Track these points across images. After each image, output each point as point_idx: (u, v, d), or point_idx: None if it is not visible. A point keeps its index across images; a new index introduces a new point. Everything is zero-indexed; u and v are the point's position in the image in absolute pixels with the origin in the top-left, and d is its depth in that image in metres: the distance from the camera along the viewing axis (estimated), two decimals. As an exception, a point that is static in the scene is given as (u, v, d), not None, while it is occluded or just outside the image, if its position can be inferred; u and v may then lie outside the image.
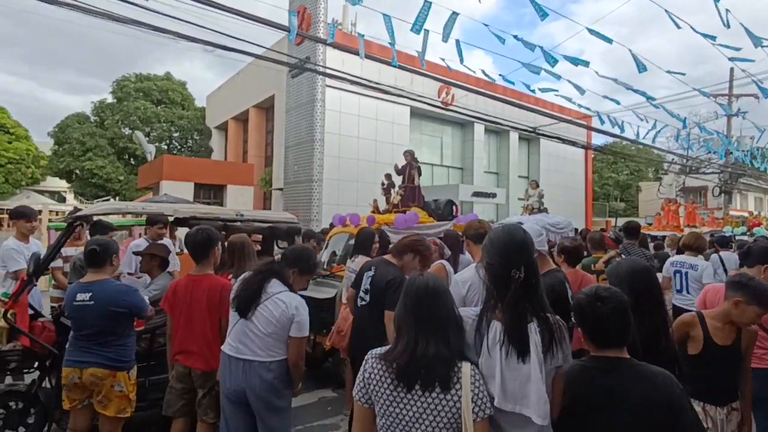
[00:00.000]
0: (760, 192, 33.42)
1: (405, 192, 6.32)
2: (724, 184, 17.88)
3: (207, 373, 2.71)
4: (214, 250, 2.85)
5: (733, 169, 17.76)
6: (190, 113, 29.34)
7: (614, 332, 1.63)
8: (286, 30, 7.01)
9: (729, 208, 18.74)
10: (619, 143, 24.38)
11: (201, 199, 15.90)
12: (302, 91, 16.34)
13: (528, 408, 1.53)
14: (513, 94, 17.51)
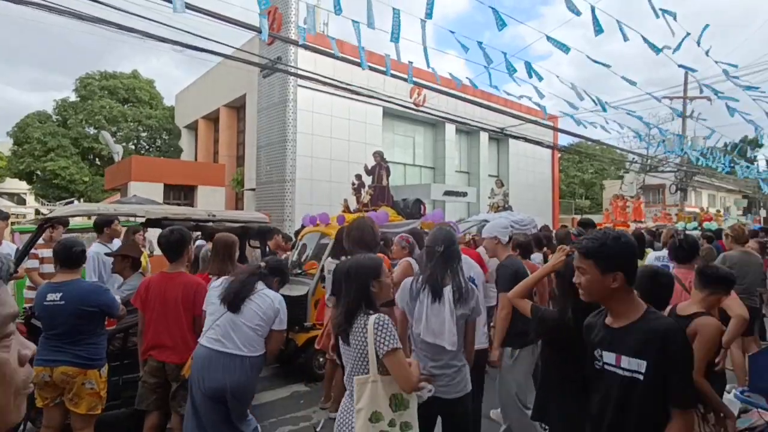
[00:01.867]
0: (712, 189, 35.21)
1: (374, 192, 6.51)
2: (680, 182, 18.85)
3: (181, 367, 2.82)
4: (187, 250, 2.96)
5: (688, 168, 18.76)
6: (158, 112, 28.67)
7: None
8: (256, 30, 7.10)
9: (684, 204, 19.76)
10: (583, 143, 25.27)
11: (171, 200, 15.66)
12: (274, 91, 16.31)
13: (443, 340, 2.32)
14: (482, 95, 17.94)
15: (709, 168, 16.21)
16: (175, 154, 27.14)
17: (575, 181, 37.03)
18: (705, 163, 15.14)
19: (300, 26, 14.55)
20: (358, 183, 7.11)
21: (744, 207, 35.99)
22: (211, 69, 21.99)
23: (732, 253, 4.94)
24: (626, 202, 14.87)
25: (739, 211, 34.53)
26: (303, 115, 16.07)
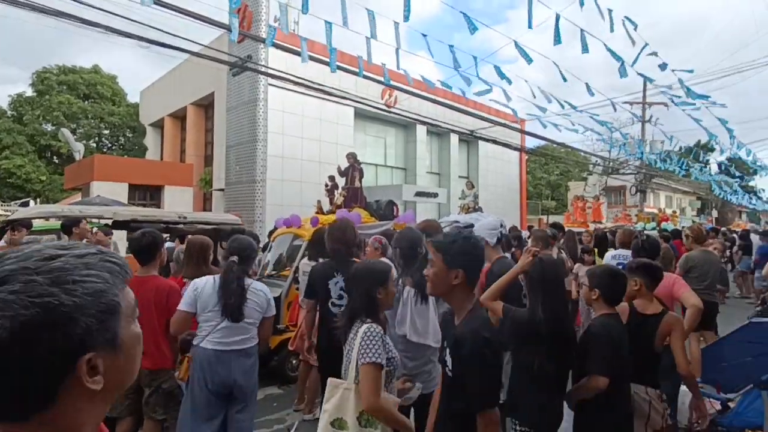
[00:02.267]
0: (669, 191, 36.93)
1: (348, 193, 6.54)
2: (640, 184, 19.72)
3: (154, 372, 2.78)
4: (159, 253, 2.92)
5: (647, 171, 19.64)
6: (121, 109, 27.72)
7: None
8: (226, 28, 7.00)
9: (644, 205, 20.68)
10: (549, 146, 26.02)
11: (137, 200, 15.19)
12: (244, 90, 16.06)
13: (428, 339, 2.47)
14: (453, 97, 18.22)
15: (667, 171, 17.05)
16: (140, 152, 26.31)
17: (542, 182, 38.09)
18: (662, 166, 15.90)
19: (271, 25, 14.43)
20: (332, 184, 7.13)
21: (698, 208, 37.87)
22: (178, 66, 21.45)
23: (694, 253, 5.23)
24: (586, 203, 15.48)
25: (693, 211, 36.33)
26: (274, 114, 15.90)
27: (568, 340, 2.45)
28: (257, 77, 15.07)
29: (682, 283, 3.24)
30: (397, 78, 15.33)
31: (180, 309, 2.63)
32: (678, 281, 3.29)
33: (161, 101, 23.95)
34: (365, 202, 6.58)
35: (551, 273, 2.53)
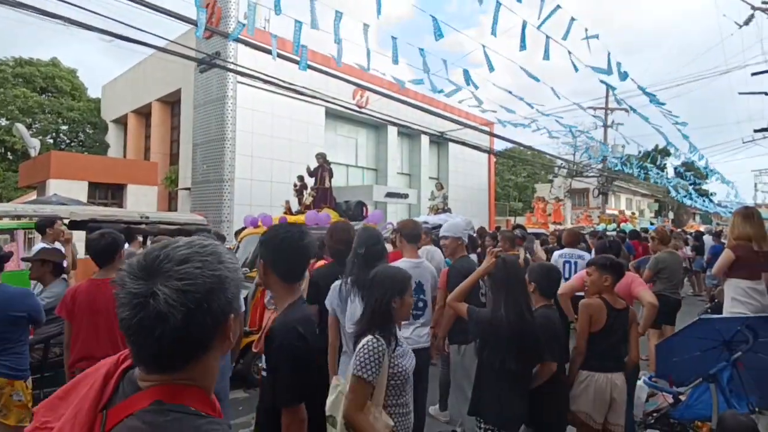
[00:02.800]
0: (630, 193, 38.47)
1: (317, 193, 6.50)
2: (602, 187, 20.48)
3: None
4: (119, 254, 2.83)
5: (609, 174, 20.40)
6: (81, 104, 26.60)
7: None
8: (192, 23, 6.84)
9: (606, 207, 21.48)
10: (517, 148, 26.64)
11: (97, 199, 14.61)
12: (212, 87, 15.72)
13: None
14: (423, 99, 18.38)
15: (627, 174, 17.78)
16: (101, 149, 25.32)
17: (509, 184, 38.93)
18: (623, 169, 16.55)
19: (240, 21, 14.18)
20: (301, 184, 7.07)
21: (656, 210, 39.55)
22: (142, 60, 20.75)
23: (663, 255, 5.54)
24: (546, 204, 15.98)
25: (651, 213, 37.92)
26: (243, 112, 15.63)
27: (531, 339, 2.52)
28: (226, 74, 14.78)
29: (640, 281, 3.41)
30: (369, 79, 15.36)
31: None
32: (636, 280, 3.45)
33: (124, 97, 23.12)
34: (334, 203, 6.55)
35: (513, 273, 2.60)
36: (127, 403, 0.76)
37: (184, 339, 0.75)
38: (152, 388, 0.77)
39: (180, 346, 0.76)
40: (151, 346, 0.75)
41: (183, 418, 0.74)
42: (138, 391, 0.77)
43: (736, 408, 2.89)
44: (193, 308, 0.74)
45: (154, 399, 0.75)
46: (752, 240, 3.51)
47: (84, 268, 5.30)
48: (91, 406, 0.77)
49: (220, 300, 0.79)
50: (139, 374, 0.79)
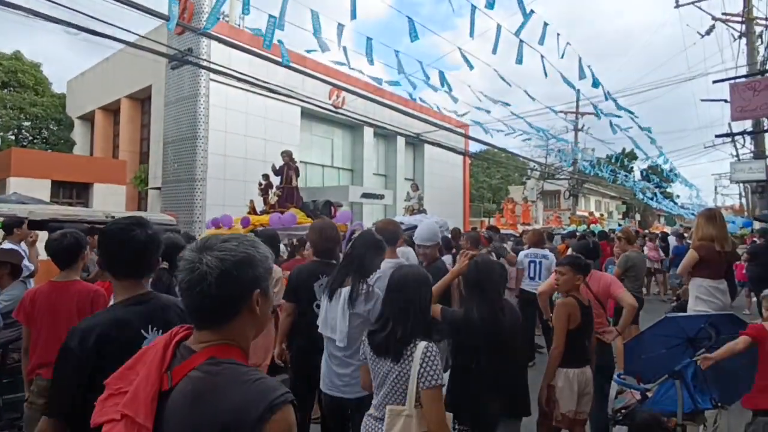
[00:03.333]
0: (599, 195, 39.62)
1: (283, 192, 6.37)
2: (573, 189, 21.02)
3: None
4: (82, 256, 2.71)
5: (579, 176, 20.96)
6: (45, 100, 25.54)
7: None
8: (164, 18, 6.65)
9: (576, 208, 22.05)
10: (491, 150, 27.05)
11: (61, 199, 14.06)
12: (184, 84, 15.35)
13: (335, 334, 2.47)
14: (399, 100, 18.43)
15: (596, 176, 18.30)
16: (67, 147, 24.37)
17: (484, 186, 39.45)
18: (592, 172, 17.01)
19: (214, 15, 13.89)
20: (266, 183, 6.91)
21: (623, 212, 40.82)
22: (111, 55, 20.10)
23: (630, 254, 5.73)
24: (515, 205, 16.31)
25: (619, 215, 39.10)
26: (216, 111, 15.32)
27: (504, 340, 2.54)
28: (198, 71, 14.46)
29: (618, 283, 3.49)
30: (345, 79, 15.30)
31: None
32: (614, 282, 3.52)
33: (92, 93, 22.33)
34: (301, 202, 6.43)
35: (486, 274, 2.62)
36: (187, 363, 0.99)
37: (217, 297, 1.00)
38: (206, 349, 1.01)
39: (215, 303, 1.00)
40: (195, 299, 1.00)
41: (232, 368, 0.99)
42: (194, 354, 1.01)
43: (700, 403, 2.99)
44: (225, 271, 0.99)
45: (209, 356, 1.00)
46: (715, 240, 3.65)
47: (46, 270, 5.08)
48: (156, 369, 0.99)
49: (247, 273, 1.03)
50: (193, 340, 1.04)
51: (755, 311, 8.02)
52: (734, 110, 10.88)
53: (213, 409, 0.92)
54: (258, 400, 0.93)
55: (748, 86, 10.93)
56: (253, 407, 0.92)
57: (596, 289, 3.34)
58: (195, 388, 0.95)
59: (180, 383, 0.97)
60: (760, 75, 11.60)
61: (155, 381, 0.97)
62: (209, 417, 0.92)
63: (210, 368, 0.97)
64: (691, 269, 3.73)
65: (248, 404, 0.92)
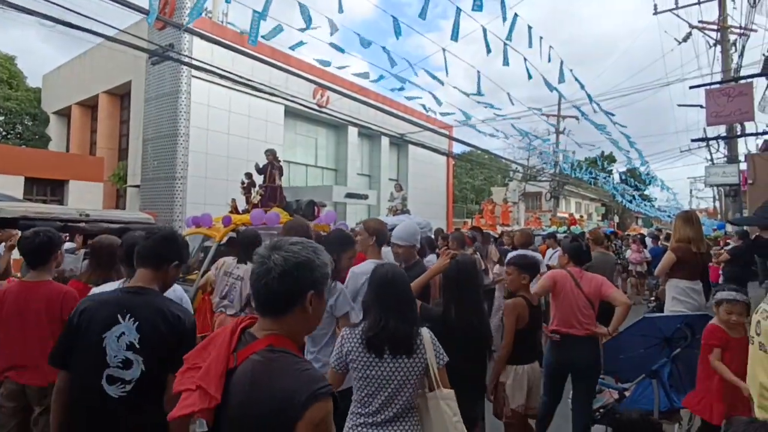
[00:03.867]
0: (579, 197, 40.33)
1: (265, 191, 6.28)
2: (554, 191, 21.34)
3: (45, 389, 2.47)
4: (55, 255, 2.62)
5: (560, 178, 21.29)
6: (20, 94, 24.75)
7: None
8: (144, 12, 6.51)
9: (557, 210, 22.39)
10: (475, 152, 27.27)
11: (35, 196, 13.66)
12: (165, 80, 15.07)
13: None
14: (384, 100, 18.44)
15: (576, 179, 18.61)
16: (42, 143, 23.68)
17: (467, 187, 39.74)
18: (573, 174, 17.29)
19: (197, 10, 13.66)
20: (248, 182, 6.80)
21: (603, 213, 41.60)
22: (89, 49, 19.60)
23: (594, 253, 5.72)
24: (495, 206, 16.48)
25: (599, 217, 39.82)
26: (197, 108, 15.08)
27: (482, 339, 2.55)
28: (180, 68, 14.21)
29: (609, 284, 3.49)
30: (330, 79, 15.23)
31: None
32: (605, 282, 3.51)
33: (69, 87, 21.74)
34: (285, 202, 6.35)
35: (466, 273, 2.63)
36: (250, 347, 1.18)
37: (278, 290, 1.18)
38: (266, 337, 1.19)
39: (276, 295, 1.18)
40: (261, 289, 1.19)
41: (286, 357, 1.17)
42: (256, 340, 1.19)
43: (675, 402, 3.05)
44: (287, 270, 1.17)
45: (268, 344, 1.18)
46: (691, 242, 3.72)
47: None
48: (225, 350, 1.19)
49: (305, 274, 1.20)
50: (256, 327, 1.23)
51: (728, 311, 8.27)
52: (709, 115, 11.18)
53: (267, 390, 1.11)
54: (304, 388, 1.09)
55: (723, 92, 11.24)
56: (300, 393, 1.08)
57: (587, 290, 3.35)
58: (254, 369, 1.14)
59: (243, 364, 1.16)
60: (734, 82, 11.94)
61: (224, 360, 1.17)
62: (264, 396, 1.10)
63: (268, 355, 1.15)
64: (668, 270, 3.81)
65: (296, 390, 1.09)
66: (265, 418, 1.08)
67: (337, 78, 16.08)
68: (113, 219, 3.89)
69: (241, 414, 1.12)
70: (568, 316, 3.33)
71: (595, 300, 3.38)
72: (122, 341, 1.72)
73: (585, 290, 3.36)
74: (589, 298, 3.34)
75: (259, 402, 1.10)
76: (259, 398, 1.10)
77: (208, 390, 1.13)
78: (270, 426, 1.08)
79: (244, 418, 1.11)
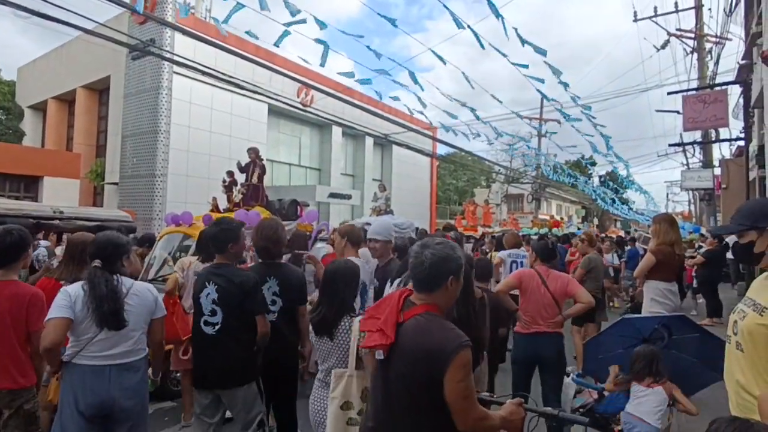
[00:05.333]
0: (560, 200, 40.98)
1: (247, 190, 6.19)
2: (535, 193, 21.63)
3: (15, 392, 2.39)
4: (24, 254, 2.53)
5: (542, 181, 21.59)
6: (-8, 87, 24.05)
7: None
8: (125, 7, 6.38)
9: (539, 212, 22.71)
10: (458, 153, 27.47)
11: (7, 192, 13.27)
12: (145, 76, 14.77)
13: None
14: (369, 101, 18.42)
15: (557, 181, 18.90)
16: (15, 137, 22.98)
17: (450, 188, 40.00)
18: (554, 177, 17.55)
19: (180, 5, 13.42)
20: (230, 180, 6.70)
21: (582, 216, 42.35)
22: (66, 42, 19.09)
23: (592, 255, 6.02)
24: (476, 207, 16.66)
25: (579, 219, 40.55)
26: (179, 104, 14.83)
27: (476, 340, 2.54)
28: (161, 63, 13.95)
29: (575, 282, 3.59)
30: (314, 78, 15.14)
31: (54, 316, 2.24)
32: (571, 281, 3.60)
33: (44, 81, 21.13)
34: (267, 201, 6.27)
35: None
36: (413, 310, 1.64)
37: (428, 275, 1.64)
38: (422, 305, 1.64)
39: (427, 278, 1.64)
40: (418, 275, 1.66)
41: (438, 319, 1.62)
42: (415, 306, 1.65)
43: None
44: (434, 262, 1.63)
45: (424, 310, 1.63)
46: (674, 245, 3.80)
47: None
48: (396, 308, 1.65)
49: (446, 264, 1.65)
50: (414, 297, 1.68)
51: (702, 312, 8.48)
52: (686, 121, 11.48)
53: (429, 338, 1.56)
54: (452, 340, 1.54)
55: (699, 99, 11.56)
56: (452, 342, 1.53)
57: (553, 289, 3.42)
58: (418, 324, 1.60)
59: (409, 320, 1.62)
60: (709, 89, 12.28)
61: (396, 314, 1.64)
62: (424, 343, 1.56)
63: (426, 317, 1.61)
64: (646, 272, 3.87)
65: (447, 341, 1.54)
66: (428, 355, 1.53)
67: (321, 77, 16.00)
68: (89, 216, 3.79)
69: (410, 351, 1.58)
70: (534, 312, 3.46)
71: (560, 298, 3.47)
72: (209, 298, 2.67)
73: (551, 288, 3.44)
74: (554, 296, 3.42)
75: (424, 344, 1.55)
76: (424, 342, 1.55)
77: (386, 331, 1.61)
78: (431, 361, 1.52)
79: (412, 353, 1.57)
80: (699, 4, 14.66)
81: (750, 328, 1.50)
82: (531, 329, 3.47)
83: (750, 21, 9.32)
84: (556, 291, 3.44)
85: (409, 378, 1.58)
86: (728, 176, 11.89)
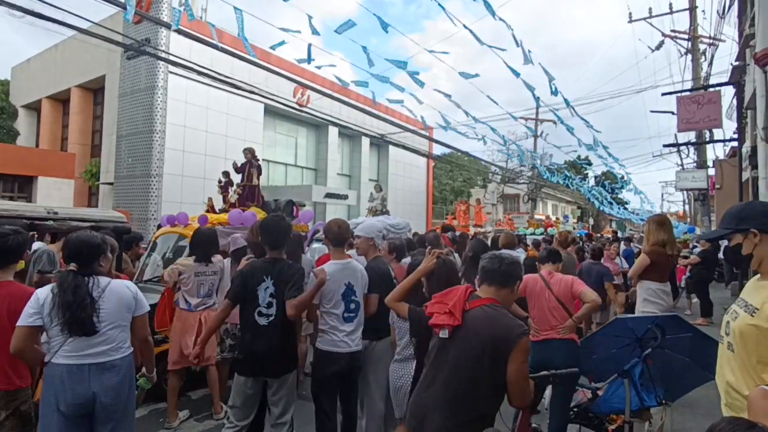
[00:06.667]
0: (555, 200, 41.12)
1: (243, 191, 6.17)
2: (531, 193, 21.71)
3: (10, 393, 2.39)
4: (21, 255, 2.52)
5: (538, 181, 21.67)
6: (-14, 86, 23.86)
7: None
8: (120, 6, 6.36)
9: (535, 212, 22.79)
10: (455, 154, 27.51)
11: (0, 192, 13.18)
12: (140, 75, 14.73)
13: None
14: (365, 101, 18.44)
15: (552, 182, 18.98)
16: (9, 137, 22.82)
17: (447, 188, 40.05)
18: (549, 177, 17.62)
19: (175, 8, 13.39)
20: (226, 181, 6.67)
21: (578, 216, 42.53)
22: (61, 42, 18.99)
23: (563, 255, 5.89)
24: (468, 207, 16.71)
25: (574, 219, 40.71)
26: (174, 104, 14.79)
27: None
28: (156, 63, 13.92)
29: (580, 281, 3.53)
30: (311, 78, 15.13)
31: (19, 324, 2.19)
32: (575, 281, 3.56)
33: (39, 80, 21.03)
34: (263, 201, 6.25)
35: (453, 273, 2.63)
36: (479, 300, 1.94)
37: (506, 272, 2.00)
38: (488, 298, 1.96)
39: (500, 278, 2.00)
40: (492, 274, 2.01)
41: (502, 310, 1.91)
42: (480, 298, 1.96)
43: (646, 401, 3.12)
44: (511, 262, 2.01)
45: (489, 302, 1.94)
46: (666, 245, 3.83)
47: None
48: (462, 298, 1.95)
49: (514, 270, 2.03)
50: (480, 291, 2.02)
51: (696, 311, 8.55)
52: (680, 122, 11.55)
53: (495, 323, 1.86)
54: (515, 327, 1.83)
55: (693, 100, 11.63)
56: (515, 329, 1.82)
57: (557, 291, 3.37)
58: (484, 312, 1.90)
59: (474, 309, 1.92)
60: (703, 90, 12.36)
61: (463, 302, 1.93)
62: (490, 328, 1.84)
63: (492, 307, 1.92)
64: (640, 272, 3.90)
65: (510, 328, 1.83)
66: (495, 338, 1.81)
67: (317, 77, 16.00)
68: (83, 217, 3.76)
69: (478, 334, 1.85)
70: (541, 318, 3.38)
71: (567, 300, 3.41)
72: (267, 291, 2.83)
73: (555, 291, 3.39)
74: (559, 298, 3.37)
75: (492, 329, 1.83)
76: (492, 327, 1.84)
77: (455, 314, 1.89)
78: (498, 344, 1.80)
79: (480, 337, 1.84)
80: (693, 6, 14.76)
81: (741, 328, 1.53)
82: (540, 337, 3.36)
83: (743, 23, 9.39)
84: (560, 293, 3.36)
85: (474, 359, 1.83)
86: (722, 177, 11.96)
